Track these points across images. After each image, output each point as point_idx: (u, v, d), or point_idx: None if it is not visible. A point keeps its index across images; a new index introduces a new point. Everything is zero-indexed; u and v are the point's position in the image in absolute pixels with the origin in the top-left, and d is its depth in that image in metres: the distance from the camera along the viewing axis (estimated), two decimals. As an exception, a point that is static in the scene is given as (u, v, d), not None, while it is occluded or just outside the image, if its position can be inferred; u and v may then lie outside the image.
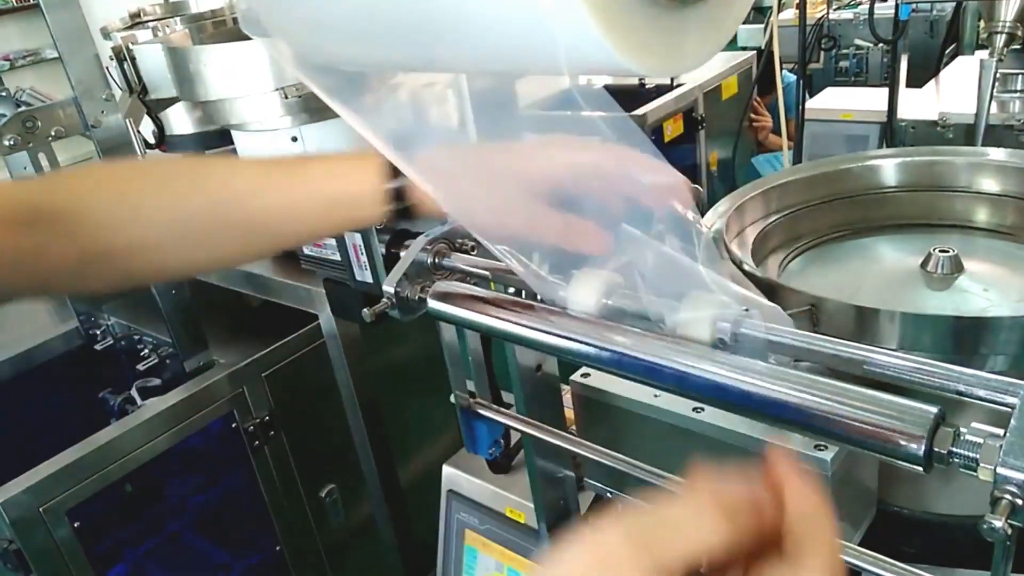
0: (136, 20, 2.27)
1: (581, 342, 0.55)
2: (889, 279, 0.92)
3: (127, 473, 1.41)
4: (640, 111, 2.26)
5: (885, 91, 2.00)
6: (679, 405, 0.72)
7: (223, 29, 2.13)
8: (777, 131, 2.45)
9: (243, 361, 1.55)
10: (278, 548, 1.68)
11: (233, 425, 1.55)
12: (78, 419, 1.64)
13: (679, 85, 2.42)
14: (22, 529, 1.28)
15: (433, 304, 0.65)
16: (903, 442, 0.43)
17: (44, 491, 1.30)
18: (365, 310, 0.70)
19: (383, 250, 0.73)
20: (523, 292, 0.64)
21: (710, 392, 0.50)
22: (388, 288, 0.68)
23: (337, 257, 0.77)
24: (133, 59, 1.93)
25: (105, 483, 1.37)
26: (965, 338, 0.70)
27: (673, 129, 2.35)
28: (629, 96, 2.38)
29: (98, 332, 1.88)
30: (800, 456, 0.66)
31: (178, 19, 2.25)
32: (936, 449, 0.42)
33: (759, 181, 1.00)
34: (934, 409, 0.43)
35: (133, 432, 1.41)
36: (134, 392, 1.71)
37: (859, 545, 0.58)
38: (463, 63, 0.45)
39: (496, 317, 0.61)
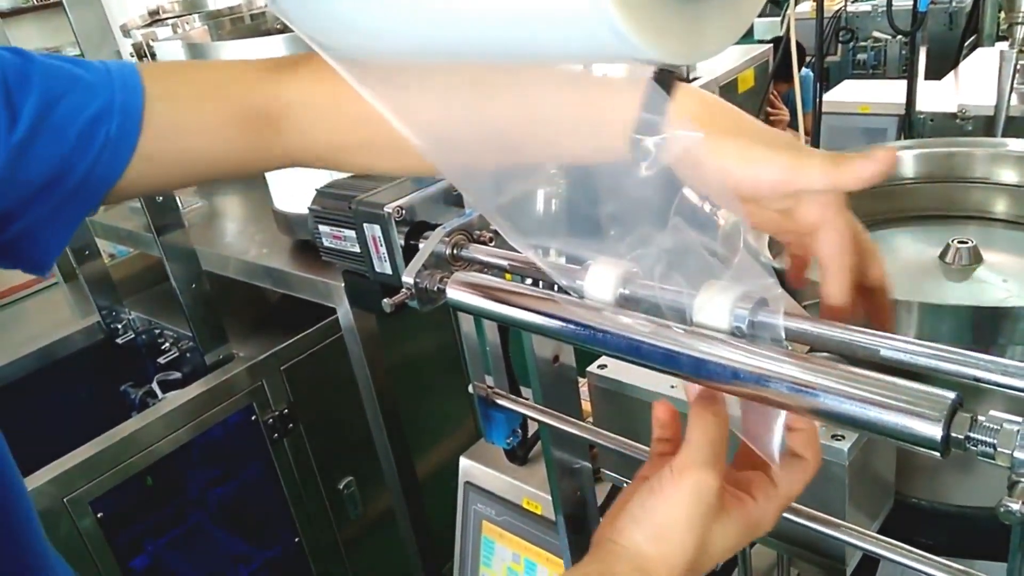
0: (155, 17, 2.29)
1: (599, 330, 0.56)
2: (907, 270, 0.92)
3: (148, 465, 1.43)
4: (655, 105, 2.24)
5: (903, 84, 1.98)
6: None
7: (241, 26, 2.14)
8: (794, 125, 2.44)
9: (262, 355, 1.57)
10: (297, 540, 1.70)
11: (252, 418, 1.57)
12: (100, 412, 1.67)
13: (695, 79, 2.41)
14: (47, 519, 1.30)
15: (452, 294, 0.66)
16: (920, 427, 0.43)
17: (68, 482, 1.32)
18: (385, 300, 0.70)
19: (402, 242, 0.74)
20: (540, 283, 0.65)
21: (728, 379, 0.50)
22: (407, 279, 0.69)
23: (356, 249, 0.77)
24: (153, 55, 1.95)
25: (127, 475, 1.40)
26: (984, 328, 0.70)
27: (689, 123, 2.34)
28: (644, 90, 2.36)
29: (119, 326, 1.91)
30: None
31: (196, 16, 2.27)
32: (954, 434, 0.43)
33: (776, 173, 1.00)
34: (952, 394, 0.43)
35: (154, 425, 1.43)
36: (155, 385, 1.74)
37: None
38: (474, 53, 0.45)
39: (515, 306, 0.61)
